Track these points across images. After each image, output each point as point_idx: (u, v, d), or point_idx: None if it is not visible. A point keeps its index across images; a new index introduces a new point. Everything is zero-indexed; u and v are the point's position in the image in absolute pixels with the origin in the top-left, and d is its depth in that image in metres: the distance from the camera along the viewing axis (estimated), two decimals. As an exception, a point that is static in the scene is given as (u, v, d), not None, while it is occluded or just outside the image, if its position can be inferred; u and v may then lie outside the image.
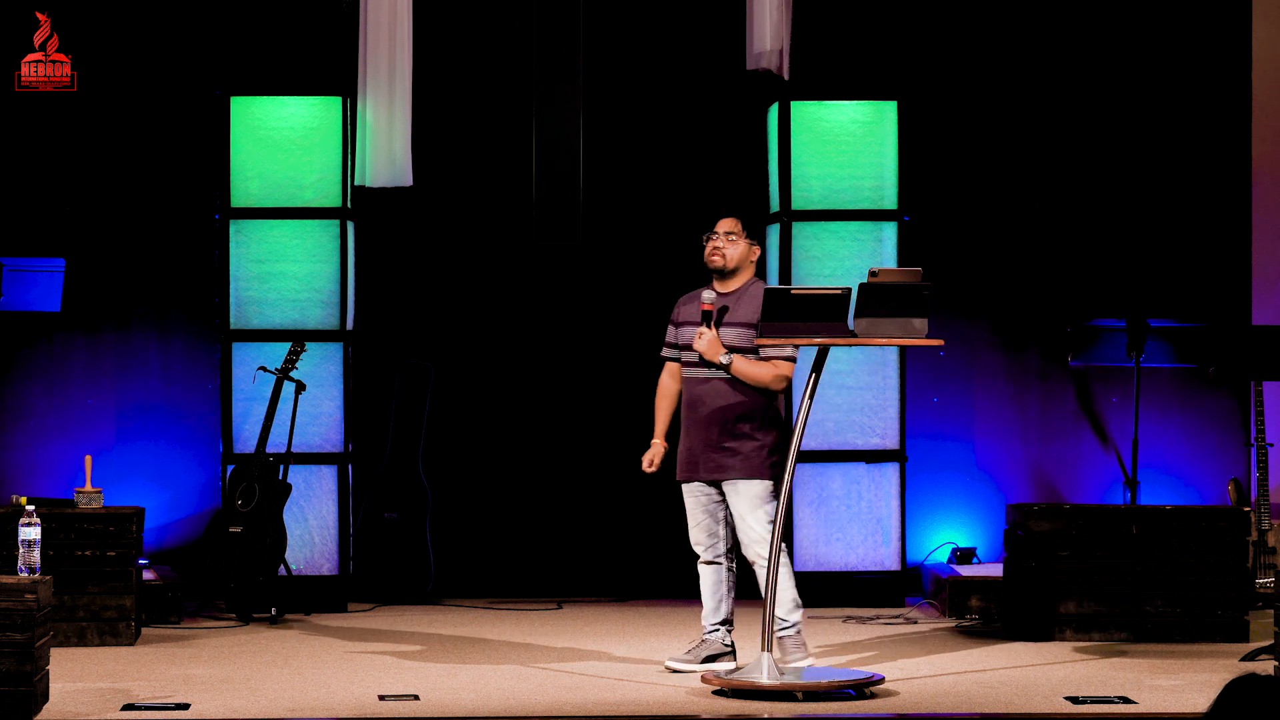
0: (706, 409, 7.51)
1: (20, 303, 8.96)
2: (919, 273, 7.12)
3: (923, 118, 10.04)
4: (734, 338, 7.51)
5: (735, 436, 7.48)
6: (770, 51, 9.61)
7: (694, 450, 7.55)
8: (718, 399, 7.50)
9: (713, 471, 7.53)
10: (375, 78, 9.56)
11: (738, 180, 10.15)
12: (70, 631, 8.25)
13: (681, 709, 6.85)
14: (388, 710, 6.81)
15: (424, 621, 9.16)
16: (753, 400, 7.49)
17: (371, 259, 10.03)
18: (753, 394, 7.49)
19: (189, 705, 6.83)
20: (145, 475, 9.89)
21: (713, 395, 7.51)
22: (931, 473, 10.15)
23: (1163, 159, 10.27)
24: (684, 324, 7.68)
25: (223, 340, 9.64)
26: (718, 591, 7.69)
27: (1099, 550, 8.50)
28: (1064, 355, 10.09)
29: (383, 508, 9.95)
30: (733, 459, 7.49)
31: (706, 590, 7.70)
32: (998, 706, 6.84)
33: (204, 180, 9.90)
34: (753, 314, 7.45)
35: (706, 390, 7.53)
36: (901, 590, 9.75)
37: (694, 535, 7.68)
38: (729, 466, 7.50)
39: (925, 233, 9.97)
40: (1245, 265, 10.21)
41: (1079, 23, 10.25)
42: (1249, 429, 9.84)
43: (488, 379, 10.27)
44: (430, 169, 9.92)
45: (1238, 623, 8.47)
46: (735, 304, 7.57)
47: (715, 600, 7.70)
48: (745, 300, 7.56)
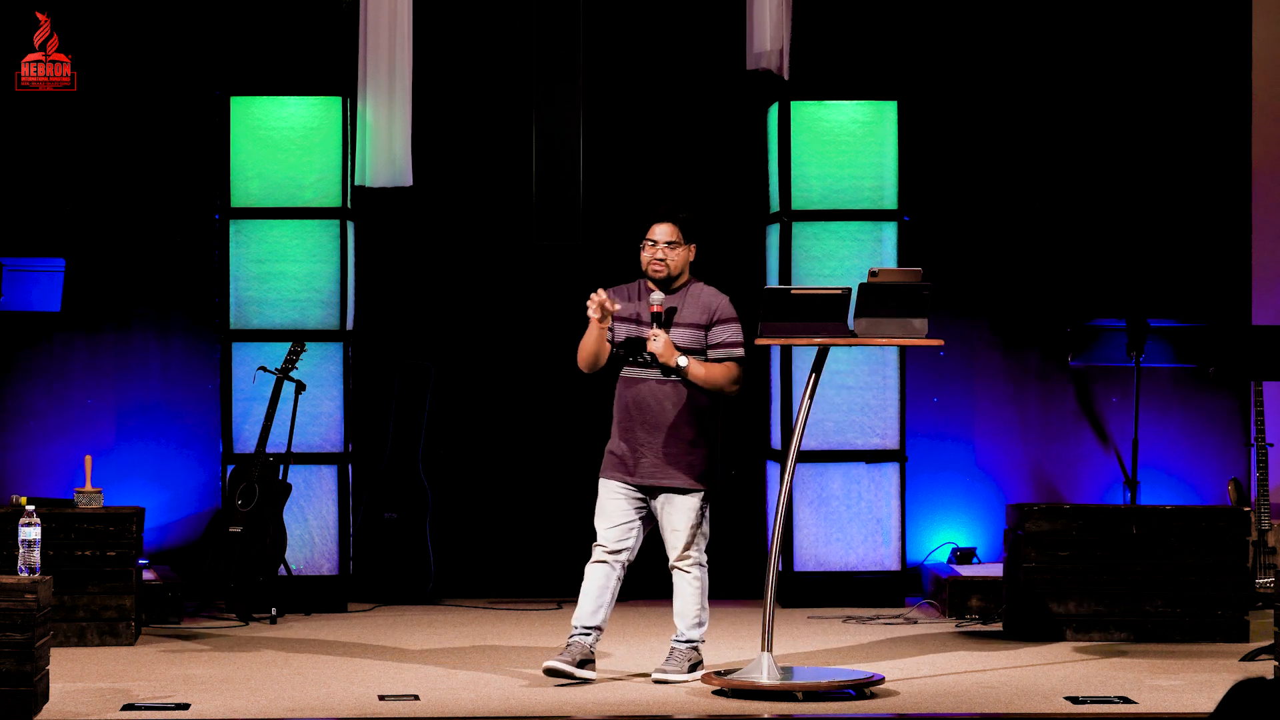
0: (654, 414, 7.24)
1: (20, 303, 8.96)
2: (919, 273, 7.12)
3: (923, 118, 10.04)
4: (684, 339, 7.27)
5: (682, 444, 7.22)
6: (770, 51, 9.61)
7: (634, 453, 7.25)
8: (666, 404, 7.24)
9: (653, 478, 7.24)
10: (375, 78, 9.56)
11: (738, 180, 10.15)
12: (70, 631, 8.25)
13: (681, 709, 6.85)
14: (388, 710, 6.81)
15: (424, 621, 9.16)
16: (701, 406, 7.26)
17: (371, 259, 10.03)
18: (702, 399, 7.26)
19: (189, 705, 6.83)
20: (145, 475, 9.89)
21: (660, 400, 7.25)
22: (931, 473, 10.15)
23: (1163, 159, 10.27)
24: (618, 319, 7.34)
25: (223, 340, 9.64)
26: (603, 594, 7.29)
27: (1099, 550, 8.50)
28: (1064, 355, 10.09)
29: (383, 508, 9.95)
30: (677, 467, 7.23)
31: (592, 589, 7.28)
32: (998, 706, 6.85)
33: (204, 180, 9.90)
34: (700, 314, 7.29)
35: (653, 393, 7.26)
36: (901, 590, 9.74)
37: (606, 532, 7.29)
38: (673, 475, 7.23)
39: (925, 233, 9.97)
40: (1245, 265, 10.21)
41: (1079, 23, 10.25)
42: (1249, 429, 9.84)
43: (488, 379, 10.27)
44: (430, 169, 9.92)
45: (1238, 623, 8.47)
46: (680, 305, 7.31)
47: (598, 603, 7.28)
48: (690, 300, 7.34)
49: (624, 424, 7.31)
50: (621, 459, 7.30)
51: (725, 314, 7.33)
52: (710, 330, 7.30)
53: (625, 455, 7.29)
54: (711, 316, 7.32)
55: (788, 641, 8.32)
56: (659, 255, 7.33)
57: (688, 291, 7.37)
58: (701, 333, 7.28)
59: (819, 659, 8.02)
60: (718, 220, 10.18)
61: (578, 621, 7.30)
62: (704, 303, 7.33)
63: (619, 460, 7.31)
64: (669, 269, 7.33)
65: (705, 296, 7.36)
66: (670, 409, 7.25)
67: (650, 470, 7.25)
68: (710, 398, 7.29)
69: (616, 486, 7.31)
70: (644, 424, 7.26)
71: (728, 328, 7.32)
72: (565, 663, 7.25)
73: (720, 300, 7.37)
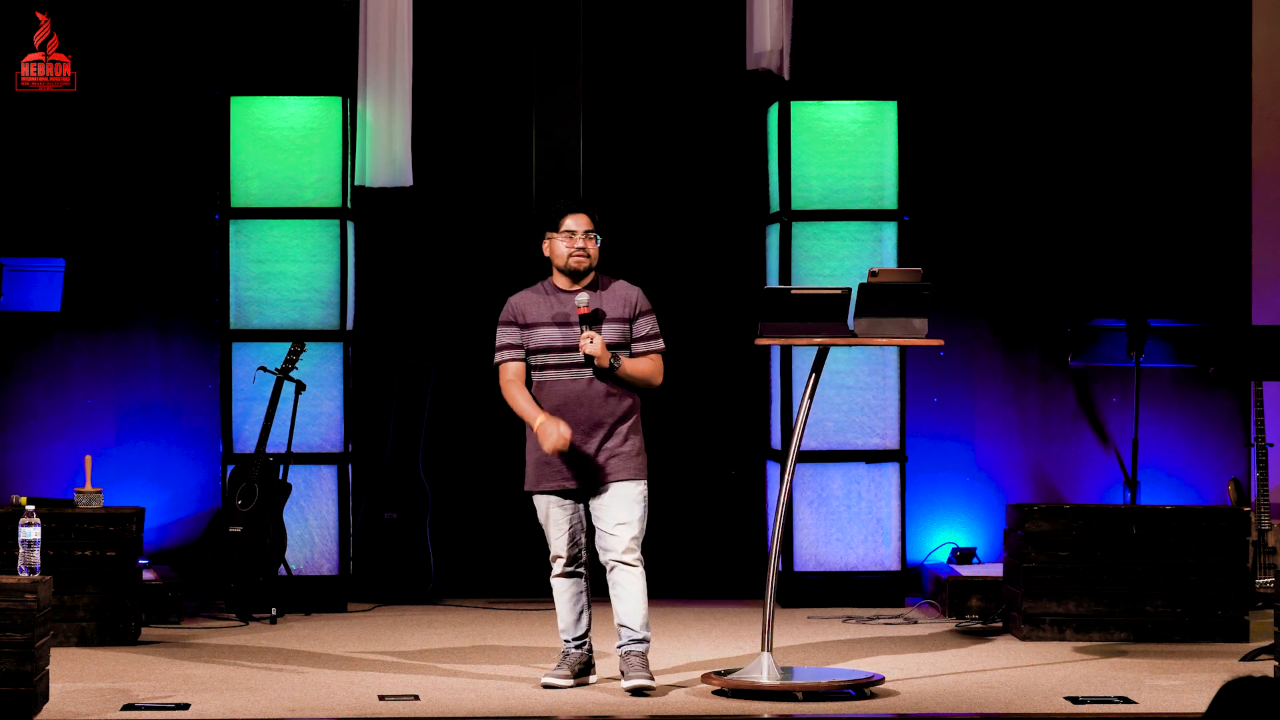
0: (588, 412, 7.04)
1: (20, 303, 8.96)
2: (919, 273, 7.12)
3: (923, 118, 10.04)
4: (611, 336, 7.09)
5: (620, 437, 7.06)
6: (770, 51, 9.61)
7: (569, 455, 7.03)
8: (597, 402, 7.05)
9: (598, 475, 7.05)
10: (375, 78, 9.56)
11: (738, 180, 10.15)
12: (70, 631, 8.25)
13: (681, 709, 6.85)
14: (388, 710, 6.81)
15: (424, 621, 9.16)
16: (632, 400, 7.13)
17: (371, 259, 10.03)
18: (631, 394, 7.13)
19: (189, 705, 6.83)
20: (145, 475, 9.89)
21: (594, 398, 7.05)
22: (931, 473, 10.15)
23: (1162, 159, 10.27)
24: (534, 325, 7.15)
25: (223, 340, 9.64)
26: (578, 602, 7.18)
27: (1099, 550, 8.50)
28: (1064, 355, 10.09)
29: (383, 508, 9.95)
30: (615, 461, 7.04)
31: (566, 603, 7.17)
32: (998, 706, 6.85)
33: (204, 180, 9.90)
34: (620, 308, 7.12)
35: (585, 393, 7.06)
36: (901, 590, 9.74)
37: (561, 547, 7.14)
38: (618, 468, 7.05)
39: (925, 233, 9.97)
40: (1245, 265, 10.21)
41: (1079, 23, 10.25)
42: (1249, 429, 9.84)
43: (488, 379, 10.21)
44: (430, 169, 9.92)
45: (1238, 623, 8.46)
46: (599, 301, 7.12)
47: (576, 613, 7.18)
48: (608, 296, 7.15)
49: None
50: (556, 466, 7.06)
51: (644, 306, 7.17)
52: (634, 324, 7.14)
53: (559, 461, 7.04)
54: (633, 310, 7.14)
55: (788, 641, 8.32)
56: (580, 245, 7.10)
57: (605, 286, 7.17)
58: (626, 326, 7.12)
59: (819, 659, 8.02)
60: (718, 220, 10.20)
61: (567, 634, 7.21)
62: (621, 296, 7.15)
63: (553, 469, 7.07)
64: (591, 260, 7.13)
65: (620, 289, 7.17)
66: (606, 405, 7.05)
67: (592, 468, 7.04)
68: (642, 390, 7.17)
69: (552, 498, 7.11)
70: (578, 425, 7.01)
71: (649, 320, 7.16)
72: (561, 677, 7.16)
73: (635, 291, 7.19)
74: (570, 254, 7.12)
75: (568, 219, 7.15)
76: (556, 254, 7.16)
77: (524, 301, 7.22)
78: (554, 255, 7.18)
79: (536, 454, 7.14)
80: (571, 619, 7.18)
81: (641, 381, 7.13)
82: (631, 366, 7.09)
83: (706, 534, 10.09)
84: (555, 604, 7.22)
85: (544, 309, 7.16)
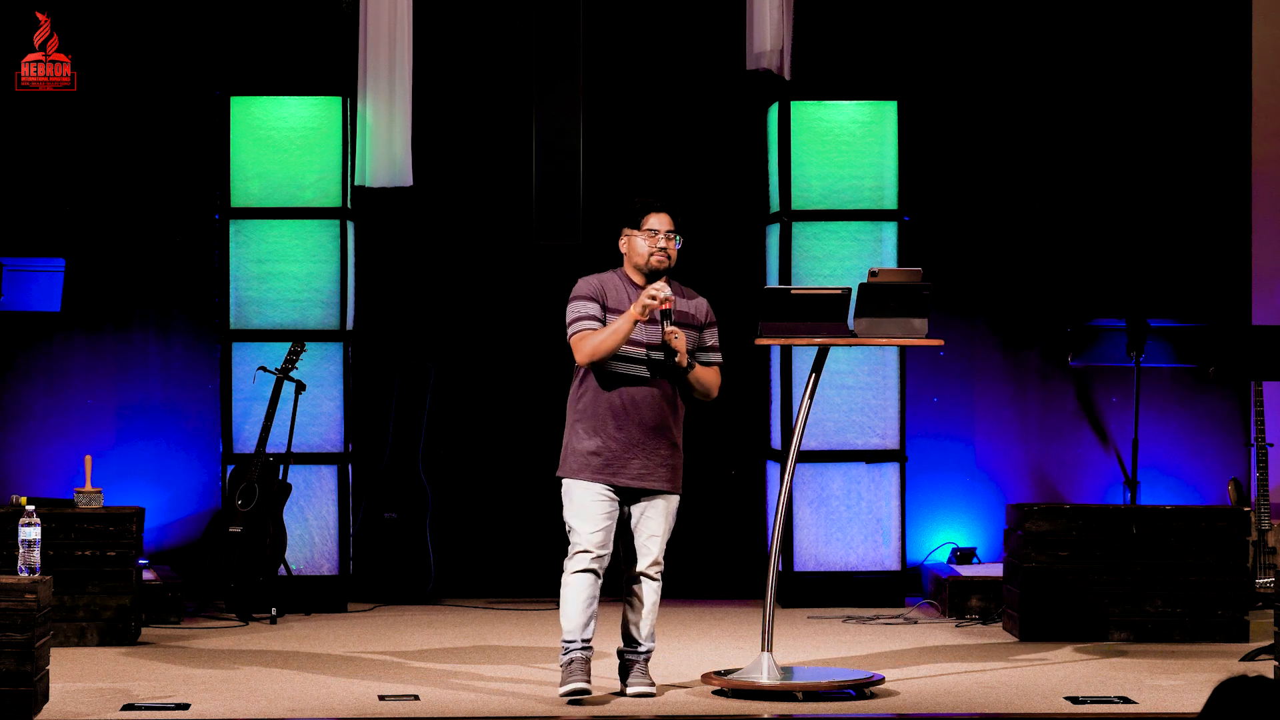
0: (650, 415, 6.88)
1: (20, 303, 8.96)
2: (919, 273, 7.12)
3: (923, 118, 10.04)
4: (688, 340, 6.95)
5: (670, 447, 6.92)
6: (770, 51, 9.61)
7: (624, 454, 6.87)
8: (662, 406, 6.90)
9: (642, 481, 6.88)
10: (375, 78, 9.56)
11: (738, 180, 10.15)
12: (70, 631, 8.25)
13: (681, 709, 6.85)
14: (388, 710, 6.81)
15: (424, 621, 9.16)
16: (682, 409, 7.00)
17: (371, 259, 10.03)
18: (685, 402, 7.00)
19: (189, 705, 6.83)
20: (145, 475, 9.89)
21: (655, 401, 6.89)
22: (931, 473, 10.15)
23: (1162, 159, 10.27)
24: (616, 310, 6.90)
25: (223, 340, 9.64)
26: (592, 604, 6.89)
27: (1099, 550, 8.50)
28: (1064, 355, 10.09)
29: (383, 508, 9.95)
30: (667, 470, 6.92)
31: (580, 601, 6.87)
32: (998, 706, 6.85)
33: (204, 180, 9.90)
34: (697, 314, 7.00)
35: (649, 395, 6.89)
36: (901, 590, 9.74)
37: (596, 537, 6.85)
38: (662, 478, 6.91)
39: (925, 233, 9.97)
40: (1245, 265, 10.21)
41: (1079, 22, 10.25)
42: (1249, 429, 9.84)
43: (488, 379, 10.27)
44: (430, 169, 9.92)
45: (1238, 623, 8.47)
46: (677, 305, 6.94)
47: (588, 615, 6.89)
48: (683, 302, 7.00)
49: (614, 424, 6.87)
50: (607, 460, 6.87)
51: (713, 317, 7.07)
52: (703, 332, 7.04)
53: (612, 457, 6.87)
54: (704, 318, 7.04)
55: (788, 641, 8.32)
56: (662, 245, 6.90)
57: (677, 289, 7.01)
58: (697, 334, 7.01)
59: (819, 659, 8.02)
60: (718, 220, 10.20)
61: (575, 635, 6.89)
62: (695, 303, 7.03)
63: (603, 461, 6.87)
64: (671, 262, 6.93)
65: (692, 296, 7.06)
66: (664, 411, 6.92)
67: (639, 473, 6.88)
68: (698, 399, 7.08)
69: (600, 489, 6.88)
70: (640, 426, 6.87)
71: (715, 331, 7.07)
72: (583, 682, 6.89)
73: (704, 301, 7.08)
74: (652, 253, 6.90)
75: (651, 217, 6.93)
76: (636, 252, 6.95)
77: (606, 284, 6.98)
78: (632, 253, 6.97)
79: (587, 442, 6.91)
80: (582, 620, 6.87)
81: (703, 389, 6.98)
82: (701, 371, 6.97)
83: (707, 534, 10.08)
84: (563, 601, 6.91)
85: (624, 298, 6.92)
